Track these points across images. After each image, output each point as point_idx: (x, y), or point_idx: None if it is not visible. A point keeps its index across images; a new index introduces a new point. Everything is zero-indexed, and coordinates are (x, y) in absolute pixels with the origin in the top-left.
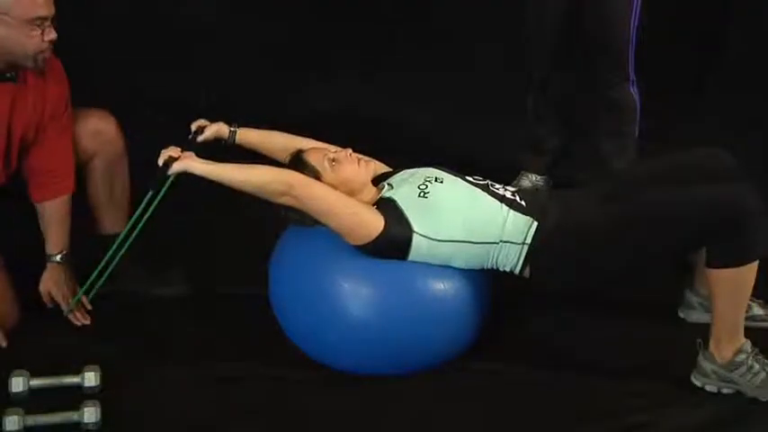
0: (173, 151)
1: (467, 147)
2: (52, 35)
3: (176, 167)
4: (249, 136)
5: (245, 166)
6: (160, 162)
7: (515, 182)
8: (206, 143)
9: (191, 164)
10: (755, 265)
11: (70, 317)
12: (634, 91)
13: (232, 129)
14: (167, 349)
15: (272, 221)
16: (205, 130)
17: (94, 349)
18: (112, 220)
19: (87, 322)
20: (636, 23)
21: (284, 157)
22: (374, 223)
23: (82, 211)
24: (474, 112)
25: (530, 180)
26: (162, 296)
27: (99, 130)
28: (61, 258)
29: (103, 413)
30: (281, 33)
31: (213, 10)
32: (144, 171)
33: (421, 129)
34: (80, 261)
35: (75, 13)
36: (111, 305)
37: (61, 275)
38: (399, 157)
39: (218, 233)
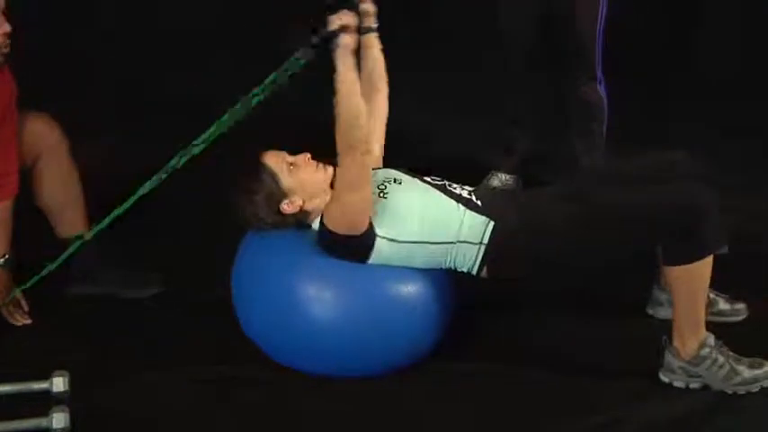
0: (351, 21)
1: (462, 147)
2: (5, 27)
3: (344, 41)
4: (374, 45)
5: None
6: (334, 26)
7: (486, 181)
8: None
9: (348, 50)
10: (710, 259)
11: (9, 318)
12: (602, 90)
13: (375, 24)
14: (139, 353)
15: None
16: (367, 2)
17: (63, 354)
18: (71, 222)
19: (28, 322)
20: (602, 23)
21: (365, 82)
22: (367, 221)
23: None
24: (470, 113)
25: (500, 180)
26: (133, 299)
27: (39, 132)
28: (3, 262)
29: (72, 419)
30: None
31: (214, 12)
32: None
33: (420, 129)
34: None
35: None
36: (81, 308)
37: (1, 279)
38: (394, 159)
39: (190, 235)
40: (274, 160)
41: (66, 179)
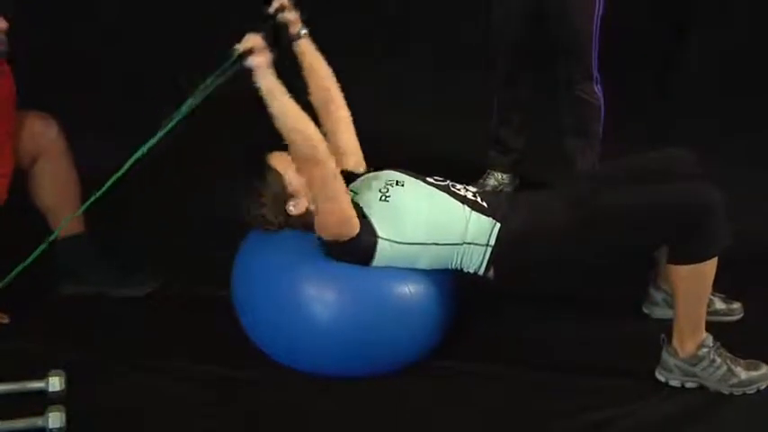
0: (259, 42)
1: (459, 147)
2: (1, 24)
3: (254, 62)
4: (307, 50)
5: (300, 111)
6: (241, 48)
7: (482, 180)
8: (277, 26)
9: (264, 70)
10: (715, 260)
11: None
12: (598, 89)
13: (303, 31)
14: (136, 353)
15: (239, 222)
16: (285, 12)
17: (59, 353)
18: (69, 223)
19: (6, 321)
20: (599, 22)
21: (313, 90)
22: (354, 226)
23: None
24: (468, 113)
25: (496, 179)
26: (128, 298)
27: (39, 132)
28: None
29: (68, 418)
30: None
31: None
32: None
33: (418, 130)
34: None
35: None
36: (78, 308)
37: None
38: (393, 159)
39: (183, 234)
40: (281, 162)
41: (63, 179)
